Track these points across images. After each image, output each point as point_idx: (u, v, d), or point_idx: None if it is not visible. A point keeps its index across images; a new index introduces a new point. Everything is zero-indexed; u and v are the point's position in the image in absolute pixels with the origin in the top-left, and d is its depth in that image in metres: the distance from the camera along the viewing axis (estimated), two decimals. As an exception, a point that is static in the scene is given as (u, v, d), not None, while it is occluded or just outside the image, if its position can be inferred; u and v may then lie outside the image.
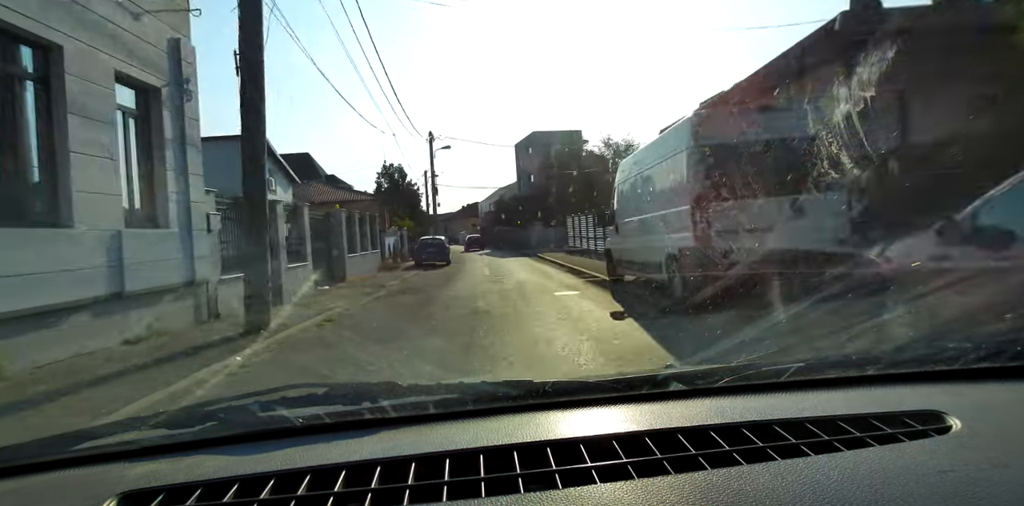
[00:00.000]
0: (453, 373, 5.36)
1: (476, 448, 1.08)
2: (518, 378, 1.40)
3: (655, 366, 3.32)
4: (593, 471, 0.97)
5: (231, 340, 7.76)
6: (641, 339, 6.81)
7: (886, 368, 1.43)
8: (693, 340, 6.02)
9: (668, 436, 1.09)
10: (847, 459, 0.97)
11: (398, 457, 1.06)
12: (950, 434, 1.05)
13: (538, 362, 5.99)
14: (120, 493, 1.01)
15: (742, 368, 1.44)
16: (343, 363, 6.31)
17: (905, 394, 1.28)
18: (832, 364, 1.55)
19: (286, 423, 1.27)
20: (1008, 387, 1.31)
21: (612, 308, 9.49)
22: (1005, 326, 2.85)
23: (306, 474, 1.03)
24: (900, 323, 4.32)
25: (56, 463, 1.19)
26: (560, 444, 1.08)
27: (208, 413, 1.43)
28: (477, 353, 6.50)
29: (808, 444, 1.03)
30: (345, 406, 1.39)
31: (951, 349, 1.50)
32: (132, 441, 1.26)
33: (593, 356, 6.08)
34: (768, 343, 3.57)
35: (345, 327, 9.09)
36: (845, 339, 3.38)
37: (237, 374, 5.97)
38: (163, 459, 1.18)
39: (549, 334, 7.48)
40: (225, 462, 1.13)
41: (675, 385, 1.35)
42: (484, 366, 5.77)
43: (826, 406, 1.22)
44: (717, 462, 0.98)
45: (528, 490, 0.93)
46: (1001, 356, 1.39)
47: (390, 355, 6.11)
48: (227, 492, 1.00)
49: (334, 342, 7.86)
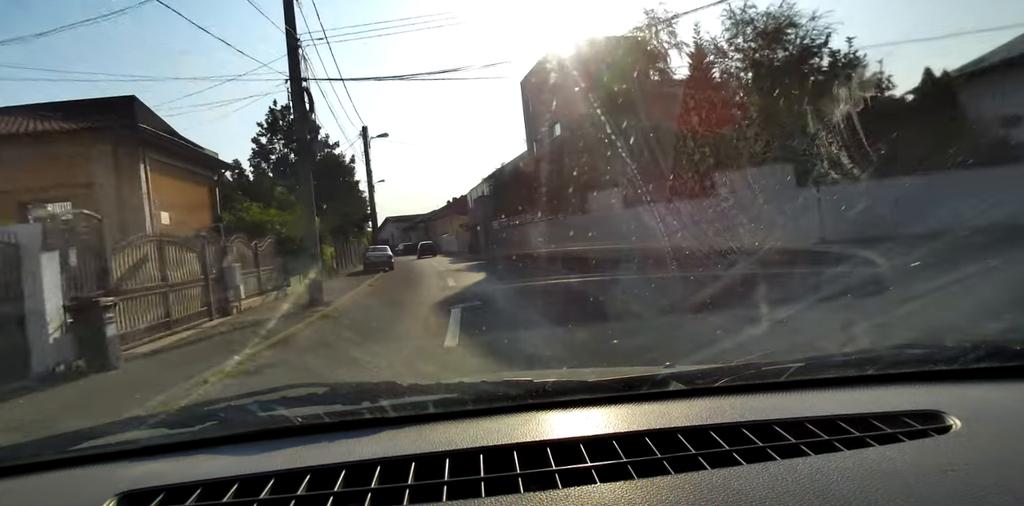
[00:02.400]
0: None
1: (476, 448, 1.08)
2: (518, 378, 1.40)
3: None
4: (593, 471, 0.97)
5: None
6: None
7: (886, 368, 1.43)
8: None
9: (668, 436, 1.09)
10: (847, 459, 0.97)
11: (398, 457, 1.06)
12: (950, 434, 1.05)
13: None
14: (120, 493, 1.01)
15: (742, 368, 1.44)
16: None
17: (905, 394, 1.28)
18: (832, 364, 1.55)
19: (286, 423, 1.27)
20: (1008, 387, 1.31)
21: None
22: (1005, 326, 2.88)
23: (306, 474, 1.03)
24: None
25: (56, 463, 1.19)
26: (560, 444, 1.08)
27: (208, 413, 1.43)
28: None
29: (808, 444, 1.03)
30: (345, 406, 1.39)
31: (951, 349, 1.50)
32: (132, 441, 1.26)
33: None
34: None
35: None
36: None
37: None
38: (163, 459, 1.18)
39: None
40: (225, 462, 1.13)
41: (675, 385, 1.35)
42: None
43: (826, 406, 1.22)
44: (717, 462, 0.98)
45: (528, 490, 0.93)
46: (1001, 356, 1.40)
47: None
48: (227, 492, 1.00)
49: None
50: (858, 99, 14.12)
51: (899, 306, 6.15)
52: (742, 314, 6.86)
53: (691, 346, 5.69)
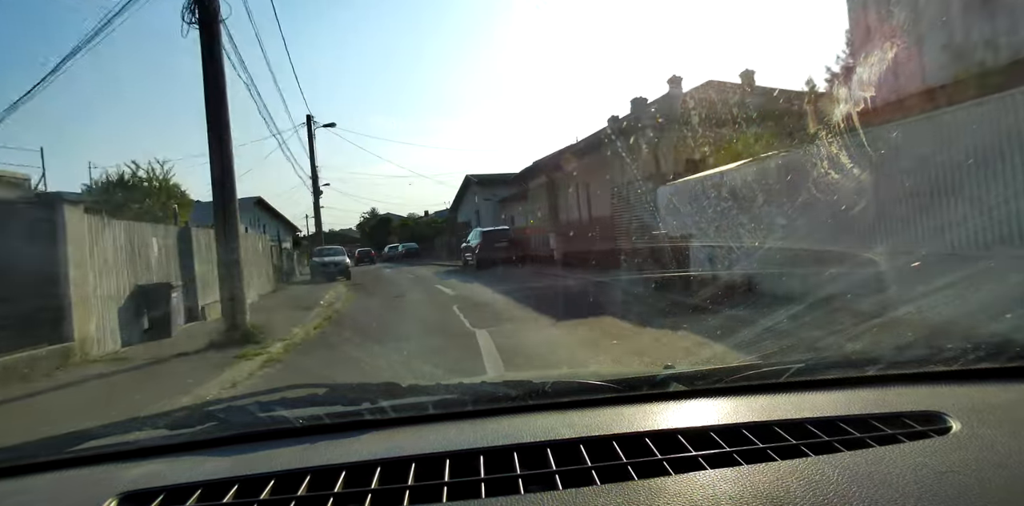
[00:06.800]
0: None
1: (476, 449, 1.08)
2: (518, 379, 1.40)
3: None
4: (593, 472, 0.97)
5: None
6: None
7: (886, 368, 1.43)
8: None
9: (668, 437, 1.09)
10: (847, 460, 0.97)
11: (398, 457, 1.06)
12: (950, 434, 1.05)
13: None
14: (120, 493, 1.01)
15: (742, 368, 1.44)
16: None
17: (905, 394, 1.28)
18: (832, 364, 1.55)
19: (286, 423, 1.27)
20: (1008, 387, 1.31)
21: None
22: (1005, 326, 2.86)
23: (306, 474, 1.03)
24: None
25: (56, 463, 1.19)
26: (560, 445, 1.08)
27: (208, 413, 1.43)
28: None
29: (808, 445, 1.03)
30: (345, 406, 1.39)
31: (951, 349, 1.50)
32: (132, 441, 1.26)
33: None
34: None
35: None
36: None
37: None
38: (163, 459, 1.18)
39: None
40: (225, 462, 1.13)
41: (675, 386, 1.35)
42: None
43: (826, 407, 1.22)
44: (717, 463, 0.98)
45: (528, 491, 0.93)
46: (1001, 356, 1.40)
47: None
48: (227, 492, 1.00)
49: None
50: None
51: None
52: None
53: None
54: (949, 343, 1.54)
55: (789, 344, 5.40)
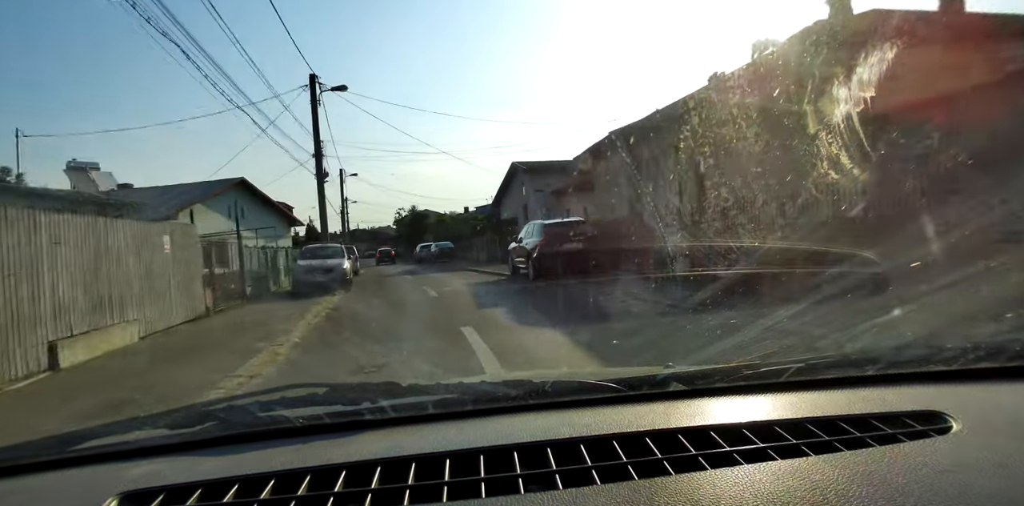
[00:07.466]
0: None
1: (476, 448, 1.08)
2: (518, 379, 1.40)
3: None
4: (593, 471, 0.97)
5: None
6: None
7: (886, 368, 1.43)
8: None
9: (668, 436, 1.09)
10: (847, 459, 0.97)
11: (398, 457, 1.06)
12: (950, 434, 1.05)
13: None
14: (120, 493, 1.01)
15: (742, 368, 1.44)
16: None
17: (905, 394, 1.28)
18: (832, 364, 1.55)
19: (286, 423, 1.27)
20: (1008, 387, 1.31)
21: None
22: (1005, 326, 2.84)
23: (306, 474, 1.03)
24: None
25: (56, 463, 1.19)
26: (560, 444, 1.08)
27: (208, 413, 1.43)
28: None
29: (808, 444, 1.03)
30: (345, 406, 1.39)
31: (951, 349, 1.50)
32: (132, 441, 1.26)
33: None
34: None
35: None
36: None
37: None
38: (163, 459, 1.18)
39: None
40: (225, 462, 1.13)
41: (675, 385, 1.35)
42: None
43: (826, 406, 1.22)
44: (717, 462, 0.98)
45: (528, 490, 0.93)
46: (1001, 356, 1.40)
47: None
48: (227, 492, 0.99)
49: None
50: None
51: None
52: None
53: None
54: (949, 343, 1.54)
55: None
